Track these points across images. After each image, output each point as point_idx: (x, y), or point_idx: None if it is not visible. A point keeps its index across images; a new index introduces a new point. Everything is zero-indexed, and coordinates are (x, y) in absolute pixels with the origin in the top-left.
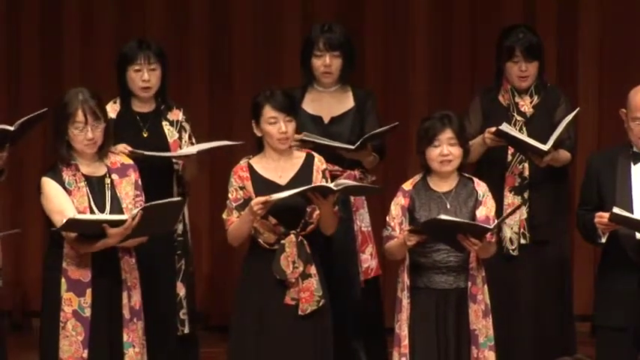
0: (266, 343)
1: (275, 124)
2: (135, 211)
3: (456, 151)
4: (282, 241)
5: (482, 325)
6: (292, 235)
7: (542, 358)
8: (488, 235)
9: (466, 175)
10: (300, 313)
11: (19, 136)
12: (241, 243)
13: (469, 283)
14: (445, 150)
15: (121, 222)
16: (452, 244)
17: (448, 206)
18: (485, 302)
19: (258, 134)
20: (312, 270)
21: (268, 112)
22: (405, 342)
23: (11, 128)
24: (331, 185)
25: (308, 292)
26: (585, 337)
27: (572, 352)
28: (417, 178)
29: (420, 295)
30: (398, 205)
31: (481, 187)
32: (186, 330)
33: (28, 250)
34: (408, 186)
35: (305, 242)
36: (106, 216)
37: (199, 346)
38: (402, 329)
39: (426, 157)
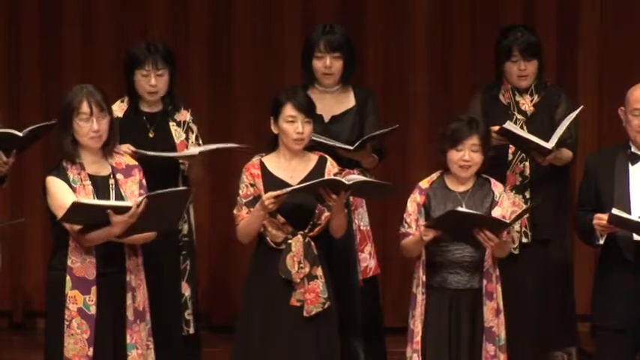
0: (271, 344)
1: (293, 123)
2: (140, 199)
3: (477, 158)
4: (289, 241)
5: (495, 323)
6: (300, 235)
7: (545, 357)
8: (504, 233)
9: (483, 175)
10: (305, 314)
11: (26, 145)
12: (250, 240)
13: (484, 281)
14: (467, 156)
15: (126, 209)
16: (467, 241)
17: (464, 206)
18: (497, 301)
19: (275, 131)
20: (319, 272)
21: (288, 110)
22: (418, 338)
23: (20, 134)
24: (344, 180)
25: (313, 294)
26: (586, 337)
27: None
28: (434, 176)
29: (434, 294)
30: (414, 202)
31: (498, 187)
32: (192, 330)
33: (28, 250)
34: (424, 184)
35: (312, 243)
36: (111, 202)
37: (201, 345)
38: (416, 325)
39: (446, 157)
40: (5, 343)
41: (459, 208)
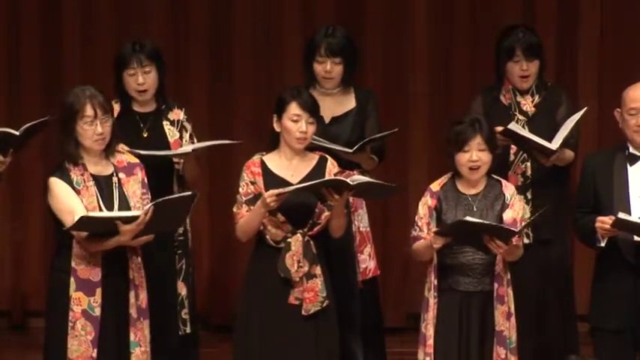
0: (270, 343)
1: (297, 122)
2: (147, 207)
3: (485, 157)
4: (289, 239)
5: (506, 326)
6: (299, 235)
7: (545, 357)
8: (515, 237)
9: (494, 176)
10: (303, 313)
11: (22, 143)
12: (249, 238)
13: (496, 285)
14: (474, 156)
15: (134, 218)
16: (478, 247)
17: (475, 209)
18: (509, 305)
19: (277, 129)
20: (318, 271)
21: (293, 108)
22: (430, 342)
23: (16, 133)
24: (347, 180)
25: (312, 293)
26: (587, 338)
27: (575, 352)
28: (445, 179)
29: (444, 296)
30: (425, 205)
31: (509, 189)
32: (188, 330)
33: (28, 250)
34: (435, 186)
35: (311, 242)
36: (119, 213)
37: (200, 345)
38: (428, 329)
39: (455, 161)
40: (5, 343)
41: (468, 218)
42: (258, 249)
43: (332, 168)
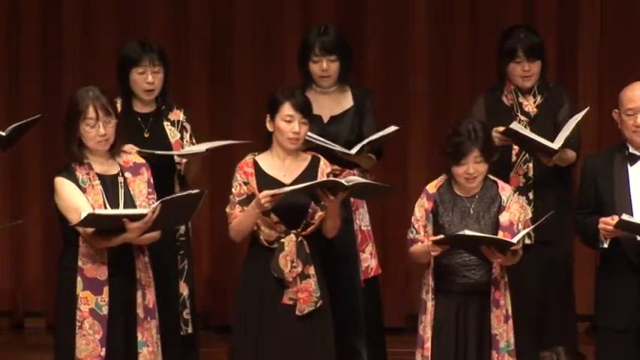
0: (266, 343)
1: (290, 123)
2: (154, 205)
3: (482, 168)
4: (282, 240)
5: (502, 329)
6: (292, 235)
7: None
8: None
9: (491, 177)
10: (297, 313)
11: (11, 142)
12: (243, 238)
13: (492, 288)
14: (471, 169)
15: (141, 216)
16: (476, 254)
17: (471, 212)
18: (506, 308)
19: (270, 129)
20: (311, 271)
21: (286, 109)
22: (428, 344)
23: (3, 133)
24: (343, 181)
25: (306, 293)
26: (587, 337)
27: (575, 352)
28: (442, 180)
29: (441, 298)
30: (422, 207)
31: (505, 191)
32: (190, 330)
33: (27, 250)
34: (432, 188)
35: (305, 242)
36: (126, 210)
37: (200, 345)
38: (426, 332)
39: (451, 171)
40: (5, 343)
41: (466, 232)
42: (252, 249)
43: (325, 168)
